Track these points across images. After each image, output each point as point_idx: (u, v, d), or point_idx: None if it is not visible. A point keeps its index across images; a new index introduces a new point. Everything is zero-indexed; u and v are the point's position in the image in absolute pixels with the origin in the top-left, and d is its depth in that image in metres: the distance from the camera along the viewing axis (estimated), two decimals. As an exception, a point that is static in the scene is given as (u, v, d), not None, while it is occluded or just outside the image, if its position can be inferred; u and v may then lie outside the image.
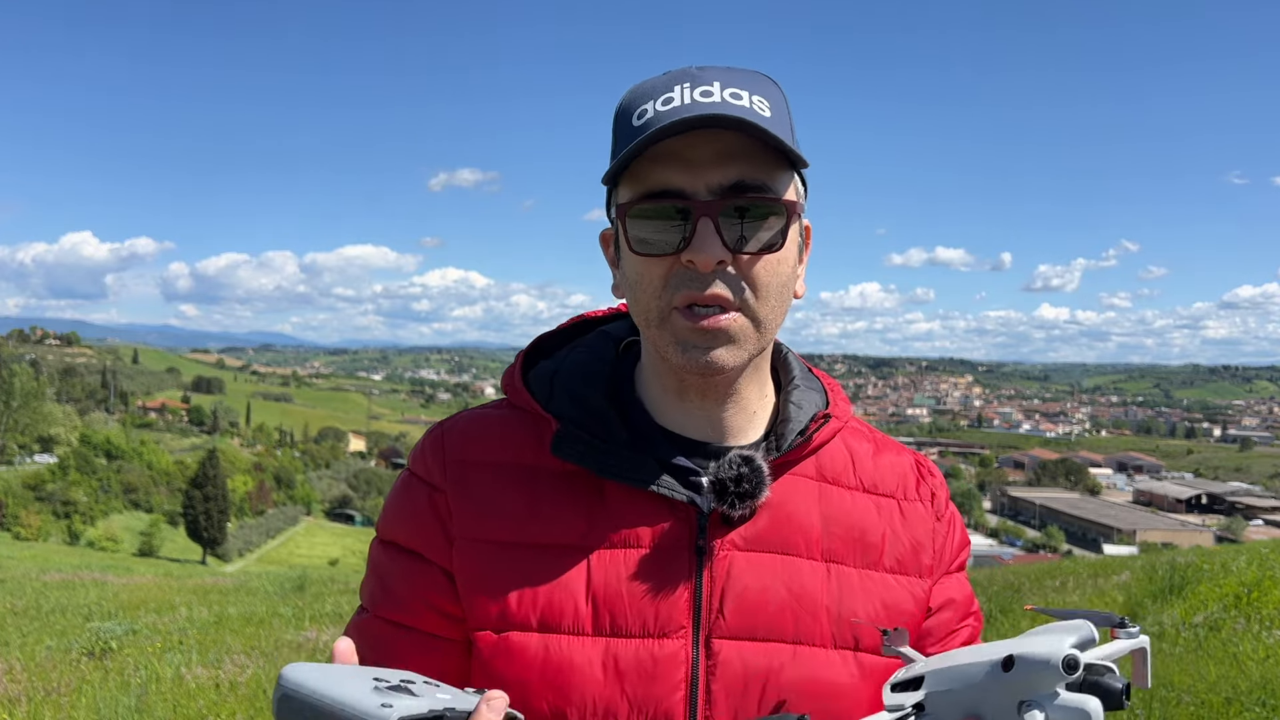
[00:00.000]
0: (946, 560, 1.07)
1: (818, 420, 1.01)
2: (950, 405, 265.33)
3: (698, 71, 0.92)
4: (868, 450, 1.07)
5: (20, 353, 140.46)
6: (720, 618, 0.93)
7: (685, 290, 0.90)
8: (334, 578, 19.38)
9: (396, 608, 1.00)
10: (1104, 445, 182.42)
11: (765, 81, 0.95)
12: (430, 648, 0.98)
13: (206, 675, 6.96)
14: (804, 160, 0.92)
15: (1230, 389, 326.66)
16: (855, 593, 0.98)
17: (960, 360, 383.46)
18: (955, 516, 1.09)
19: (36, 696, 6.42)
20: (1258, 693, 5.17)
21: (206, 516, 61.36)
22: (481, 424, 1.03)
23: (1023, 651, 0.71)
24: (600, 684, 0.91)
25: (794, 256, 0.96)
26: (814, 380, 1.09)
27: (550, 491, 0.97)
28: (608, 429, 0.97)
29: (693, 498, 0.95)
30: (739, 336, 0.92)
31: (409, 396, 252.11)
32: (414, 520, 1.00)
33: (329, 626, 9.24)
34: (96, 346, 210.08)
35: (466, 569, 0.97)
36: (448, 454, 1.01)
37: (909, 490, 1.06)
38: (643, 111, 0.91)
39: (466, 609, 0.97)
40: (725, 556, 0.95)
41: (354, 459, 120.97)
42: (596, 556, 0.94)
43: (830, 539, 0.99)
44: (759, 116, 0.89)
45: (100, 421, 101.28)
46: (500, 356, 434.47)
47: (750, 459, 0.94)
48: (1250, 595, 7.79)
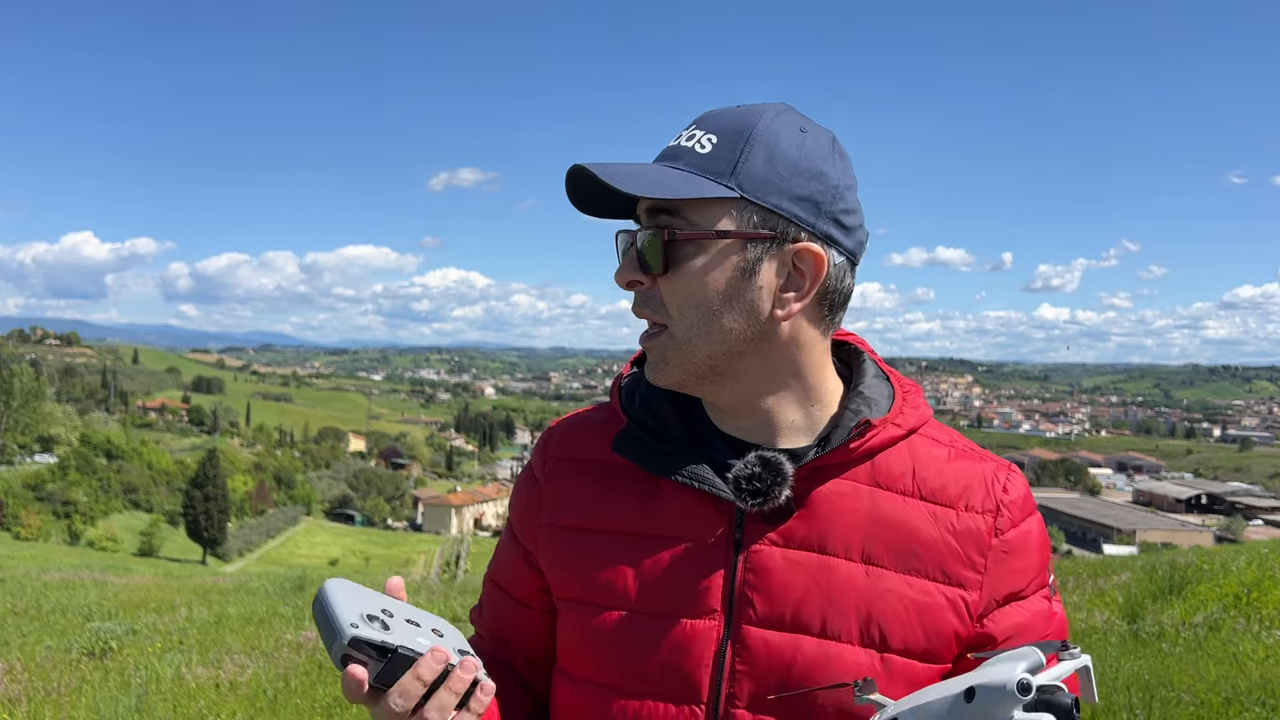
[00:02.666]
0: (1008, 578, 1.05)
1: (859, 427, 1.04)
2: (950, 405, 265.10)
3: (704, 115, 1.04)
4: (938, 457, 1.08)
5: (20, 353, 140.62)
6: (750, 606, 1.01)
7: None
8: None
9: (501, 573, 1.22)
10: (1104, 445, 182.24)
11: (747, 114, 1.01)
12: (515, 609, 1.20)
13: (207, 675, 6.95)
14: (714, 191, 0.97)
15: (1230, 389, 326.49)
16: (889, 595, 1.01)
17: (960, 360, 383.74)
18: (1028, 535, 1.07)
19: (36, 696, 6.41)
20: (1257, 693, 5.17)
21: (206, 516, 61.32)
22: (580, 425, 1.18)
23: (981, 682, 0.79)
24: (639, 654, 1.03)
25: (724, 280, 1.00)
26: (885, 384, 1.12)
27: (618, 484, 1.09)
28: (665, 428, 1.08)
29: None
30: (662, 352, 1.03)
31: (409, 396, 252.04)
32: (519, 507, 1.19)
33: (329, 626, 9.23)
34: (97, 346, 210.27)
35: (547, 550, 1.13)
36: (549, 451, 1.17)
37: (971, 501, 1.06)
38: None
39: (550, 582, 1.13)
40: (760, 550, 1.02)
41: (354, 459, 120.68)
42: (646, 543, 1.05)
43: (872, 541, 1.02)
44: (688, 155, 1.00)
45: (100, 421, 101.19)
46: (500, 356, 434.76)
47: (769, 460, 1.00)
48: (1250, 595, 7.79)
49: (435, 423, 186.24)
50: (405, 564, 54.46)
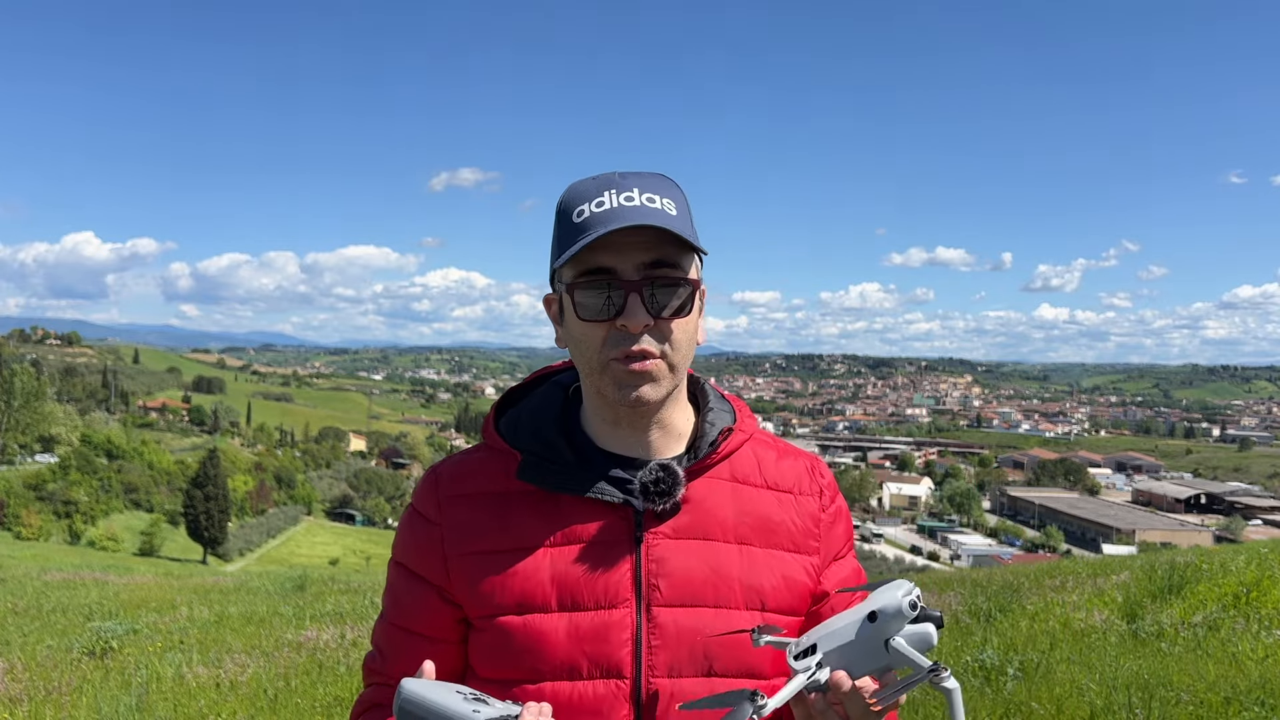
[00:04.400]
0: (835, 543, 1.39)
1: (724, 433, 1.33)
2: (950, 405, 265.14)
3: (620, 179, 1.24)
4: (772, 456, 1.39)
5: (21, 353, 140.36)
6: (657, 591, 1.25)
7: (621, 346, 1.23)
8: (334, 577, 19.39)
9: (406, 617, 1.35)
10: (1103, 445, 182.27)
11: (672, 185, 1.28)
12: (430, 647, 1.31)
13: (207, 674, 6.96)
14: (703, 250, 1.26)
15: (1229, 389, 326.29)
16: (761, 567, 1.30)
17: (960, 360, 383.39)
18: (841, 509, 1.41)
19: (37, 696, 6.43)
20: (1257, 692, 5.17)
21: (207, 516, 61.31)
22: (464, 465, 1.36)
23: (879, 606, 1.07)
24: (566, 647, 1.23)
25: (696, 316, 1.29)
26: (725, 403, 1.42)
27: (518, 508, 1.29)
28: (558, 454, 1.29)
29: (628, 499, 1.26)
30: (659, 377, 1.25)
31: (409, 396, 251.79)
32: (417, 549, 1.33)
33: (329, 626, 9.24)
34: (97, 346, 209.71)
35: (461, 577, 1.29)
36: (440, 492, 1.33)
37: (803, 486, 1.38)
38: (580, 211, 1.23)
39: (466, 606, 1.29)
40: (658, 544, 1.26)
41: (354, 459, 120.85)
42: (556, 551, 1.26)
43: (741, 526, 1.31)
44: (668, 217, 1.22)
45: (101, 421, 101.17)
46: (500, 356, 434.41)
47: (666, 466, 1.26)
48: (1249, 595, 7.80)
49: (436, 423, 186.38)
50: (405, 564, 54.28)
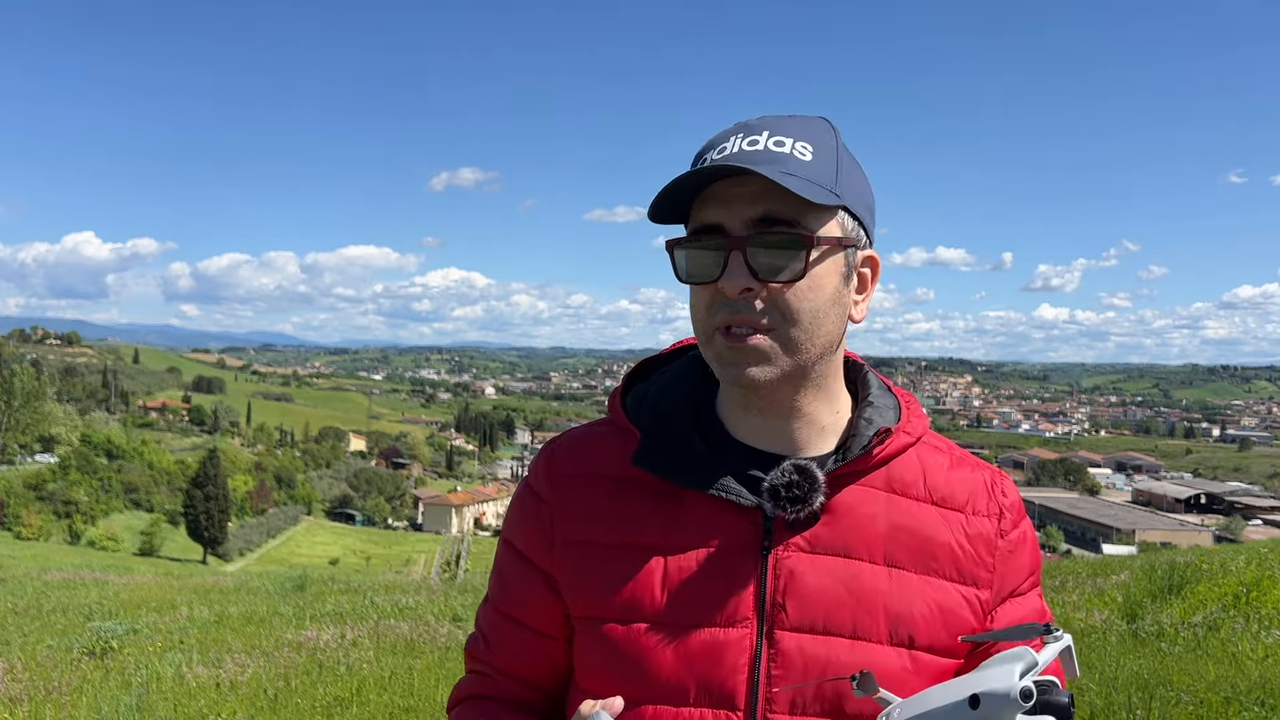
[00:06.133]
0: (1012, 576, 1.13)
1: (881, 434, 1.09)
2: (950, 405, 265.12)
3: (755, 122, 1.05)
4: (942, 465, 1.14)
5: (21, 352, 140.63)
6: (782, 611, 1.03)
7: (723, 314, 1.02)
8: (334, 577, 19.35)
9: (512, 604, 1.17)
10: (1103, 445, 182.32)
11: (817, 127, 1.05)
12: (536, 641, 1.15)
13: (207, 674, 6.96)
14: (832, 199, 1.01)
15: (1229, 389, 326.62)
16: (913, 595, 1.06)
17: (960, 360, 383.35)
18: (1025, 536, 1.15)
19: (37, 696, 6.42)
20: (1257, 692, 5.18)
21: (207, 516, 61.35)
22: (584, 441, 1.17)
23: (984, 689, 0.83)
24: (672, 666, 1.03)
25: (832, 285, 1.03)
26: (889, 398, 1.17)
27: (636, 498, 1.09)
28: (682, 440, 1.09)
29: (760, 503, 1.05)
30: (769, 355, 1.01)
31: (409, 396, 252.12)
32: (525, 527, 1.16)
33: (329, 626, 9.23)
34: (97, 346, 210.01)
35: (565, 568, 1.11)
36: (554, 469, 1.15)
37: (977, 504, 1.13)
38: (702, 159, 1.04)
39: (566, 600, 1.11)
40: (789, 557, 1.05)
41: (354, 459, 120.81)
42: (672, 555, 1.06)
43: (893, 544, 1.07)
44: (794, 162, 1.00)
45: (101, 421, 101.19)
46: (500, 356, 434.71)
47: (803, 468, 1.04)
48: (1249, 595, 7.79)
49: (435, 422, 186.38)
50: (405, 563, 54.48)
